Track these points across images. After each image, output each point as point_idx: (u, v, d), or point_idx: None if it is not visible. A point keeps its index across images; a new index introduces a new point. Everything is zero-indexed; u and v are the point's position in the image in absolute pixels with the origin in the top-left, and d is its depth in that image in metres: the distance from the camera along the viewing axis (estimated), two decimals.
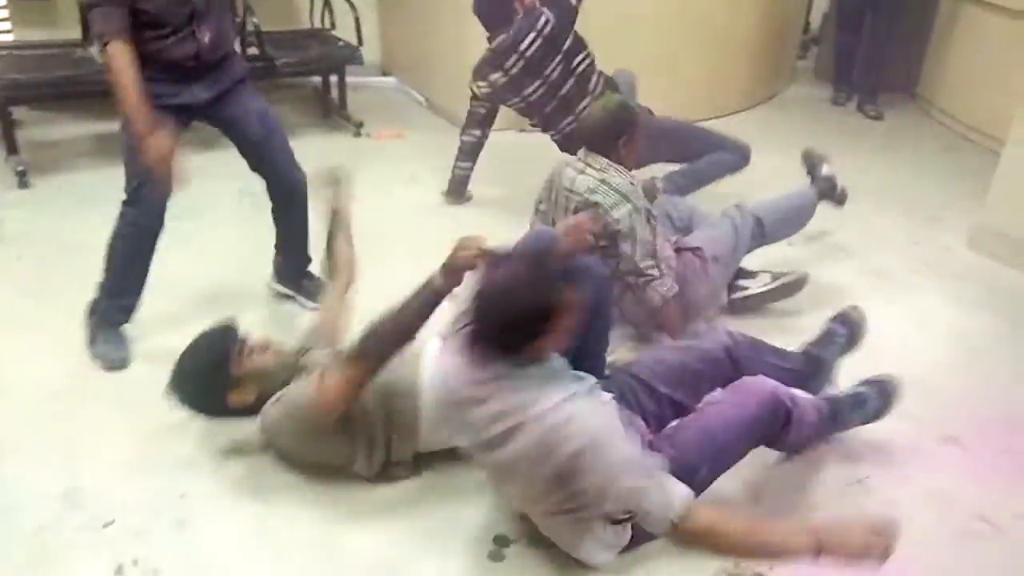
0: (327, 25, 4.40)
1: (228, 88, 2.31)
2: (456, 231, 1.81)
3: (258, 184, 2.50)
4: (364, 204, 3.29)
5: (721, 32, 4.52)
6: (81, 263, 2.81)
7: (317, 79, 4.51)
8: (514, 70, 3.05)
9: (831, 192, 3.04)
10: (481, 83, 3.18)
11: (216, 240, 3.06)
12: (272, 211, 2.57)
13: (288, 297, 2.69)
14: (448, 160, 3.51)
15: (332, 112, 4.43)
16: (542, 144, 3.39)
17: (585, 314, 1.81)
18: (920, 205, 3.69)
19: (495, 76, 3.11)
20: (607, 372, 2.03)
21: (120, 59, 2.05)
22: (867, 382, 2.11)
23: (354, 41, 4.26)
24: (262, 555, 1.76)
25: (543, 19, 3.01)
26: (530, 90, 3.09)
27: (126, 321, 2.41)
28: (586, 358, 2.01)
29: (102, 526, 1.80)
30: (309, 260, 2.68)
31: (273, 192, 2.51)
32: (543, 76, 3.06)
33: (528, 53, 3.01)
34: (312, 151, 2.81)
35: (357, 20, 4.21)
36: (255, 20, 3.86)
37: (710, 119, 4.62)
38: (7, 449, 2.02)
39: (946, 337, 2.71)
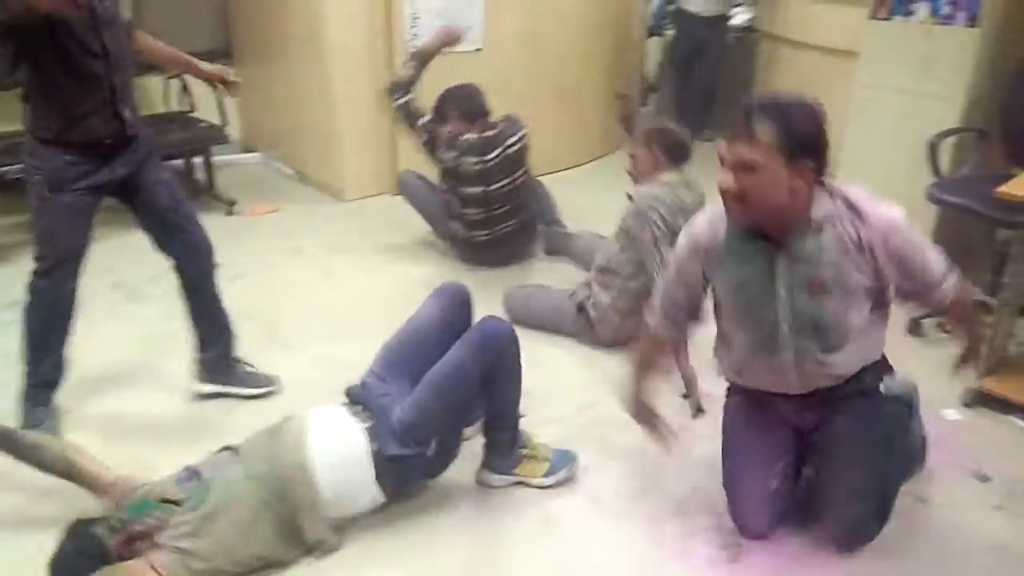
0: (186, 107, 4.32)
1: (141, 163, 2.28)
2: (351, 296, 1.84)
3: (131, 274, 2.41)
4: (249, 282, 3.29)
5: (574, 90, 4.84)
6: None
7: (179, 162, 4.39)
8: (492, 162, 3.27)
9: None
10: (450, 154, 3.28)
11: (100, 339, 2.89)
12: (184, 290, 2.44)
13: (217, 396, 2.52)
14: (329, 228, 3.54)
15: (201, 193, 4.33)
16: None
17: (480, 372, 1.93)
18: None
19: (472, 159, 3.26)
20: None
21: None
22: None
23: (216, 120, 4.20)
24: None
25: (524, 130, 3.36)
26: (496, 185, 3.31)
27: (49, 395, 2.34)
28: (496, 418, 2.09)
29: None
30: (234, 337, 2.55)
31: (184, 264, 2.40)
32: (512, 177, 3.33)
33: (509, 152, 3.30)
34: None
35: (220, 99, 4.17)
36: None
37: (574, 167, 4.90)
38: None
39: None
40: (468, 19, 4.24)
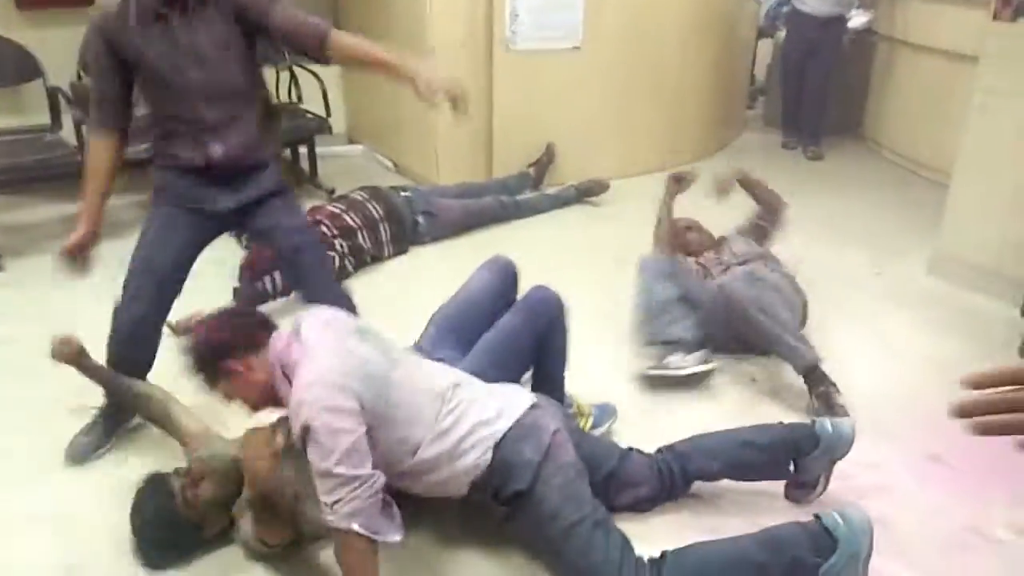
0: (294, 99, 4.50)
1: (255, 199, 2.18)
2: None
3: None
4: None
5: (674, 87, 4.73)
6: None
7: (287, 151, 4.58)
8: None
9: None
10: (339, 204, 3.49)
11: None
12: None
13: None
14: None
15: (303, 181, 4.50)
16: None
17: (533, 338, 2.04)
18: (877, 238, 3.85)
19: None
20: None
21: (91, 153, 2.12)
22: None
23: (322, 112, 4.36)
24: None
25: None
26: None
27: (117, 423, 2.32)
28: (545, 380, 2.17)
29: None
30: None
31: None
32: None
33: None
34: None
35: (324, 92, 4.32)
36: None
37: (668, 169, 4.78)
38: (2, 527, 1.99)
39: (916, 360, 2.81)
40: (567, 17, 4.22)
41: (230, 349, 1.77)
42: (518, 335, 2.07)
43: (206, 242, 2.26)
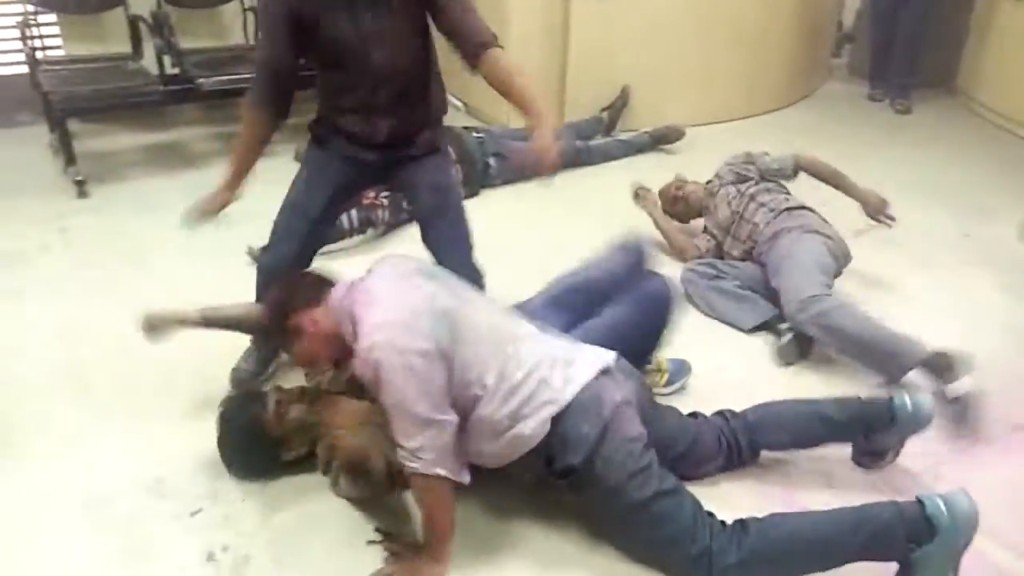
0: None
1: (403, 158, 2.15)
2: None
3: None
4: None
5: (755, 32, 4.54)
6: (141, 267, 2.93)
7: None
8: None
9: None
10: None
11: None
12: None
13: None
14: None
15: None
16: None
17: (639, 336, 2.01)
18: (967, 198, 3.68)
19: None
20: None
21: (246, 125, 2.08)
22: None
23: None
24: (352, 540, 1.79)
25: None
26: None
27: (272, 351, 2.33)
28: (636, 355, 2.05)
29: (190, 514, 1.85)
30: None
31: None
32: None
33: None
34: None
35: None
36: None
37: (746, 118, 4.65)
38: (92, 441, 2.09)
39: (1002, 326, 2.70)
40: None
41: (291, 306, 1.76)
42: (626, 332, 1.98)
43: (356, 190, 2.27)
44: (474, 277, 2.14)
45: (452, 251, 2.15)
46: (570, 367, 1.72)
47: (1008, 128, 4.54)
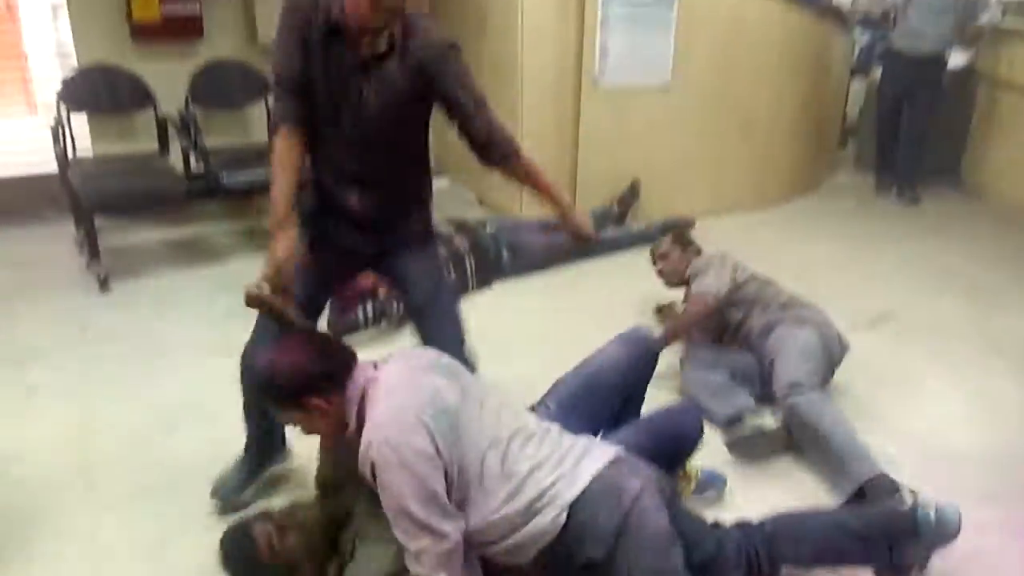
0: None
1: (392, 248, 2.08)
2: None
3: None
4: None
5: (763, 126, 4.66)
6: (159, 361, 2.96)
7: None
8: None
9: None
10: None
11: None
12: None
13: None
14: None
15: None
16: None
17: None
18: (981, 286, 3.69)
19: None
20: None
21: (276, 148, 1.90)
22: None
23: None
24: None
25: None
26: None
27: (259, 463, 2.26)
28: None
29: None
30: None
31: None
32: None
33: None
34: None
35: None
36: None
37: (755, 211, 4.72)
38: (102, 541, 2.07)
39: (1021, 418, 2.66)
40: (657, 55, 4.23)
41: (316, 385, 1.66)
42: (642, 454, 1.84)
43: (345, 277, 2.25)
44: (469, 365, 2.07)
45: (444, 343, 2.04)
46: (581, 458, 1.69)
47: (1015, 216, 4.58)
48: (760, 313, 2.73)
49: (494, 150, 1.96)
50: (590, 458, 1.69)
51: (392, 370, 1.71)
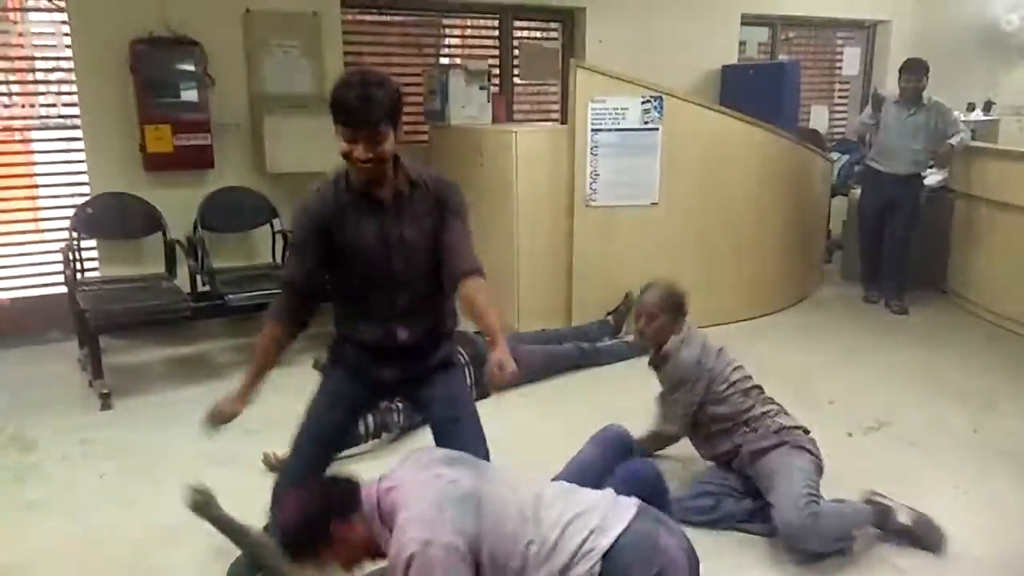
0: None
1: (418, 373, 2.22)
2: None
3: None
4: None
5: (749, 242, 4.85)
6: (158, 478, 2.95)
7: None
8: None
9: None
10: None
11: None
12: None
13: None
14: None
15: None
16: None
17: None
18: (972, 393, 3.73)
19: None
20: None
21: (265, 336, 2.14)
22: None
23: None
24: None
25: None
26: None
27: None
28: None
29: None
30: None
31: None
32: None
33: None
34: None
35: None
36: None
37: (747, 321, 4.82)
38: None
39: (1022, 519, 2.66)
40: (644, 177, 4.45)
41: (327, 517, 1.73)
42: None
43: (370, 406, 2.37)
44: None
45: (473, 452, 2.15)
46: (608, 511, 1.76)
47: (999, 324, 4.69)
48: (752, 438, 2.64)
49: (463, 260, 2.07)
50: (618, 509, 1.77)
51: (403, 475, 1.77)
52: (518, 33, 5.67)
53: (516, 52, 5.63)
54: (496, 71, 5.48)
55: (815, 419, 2.82)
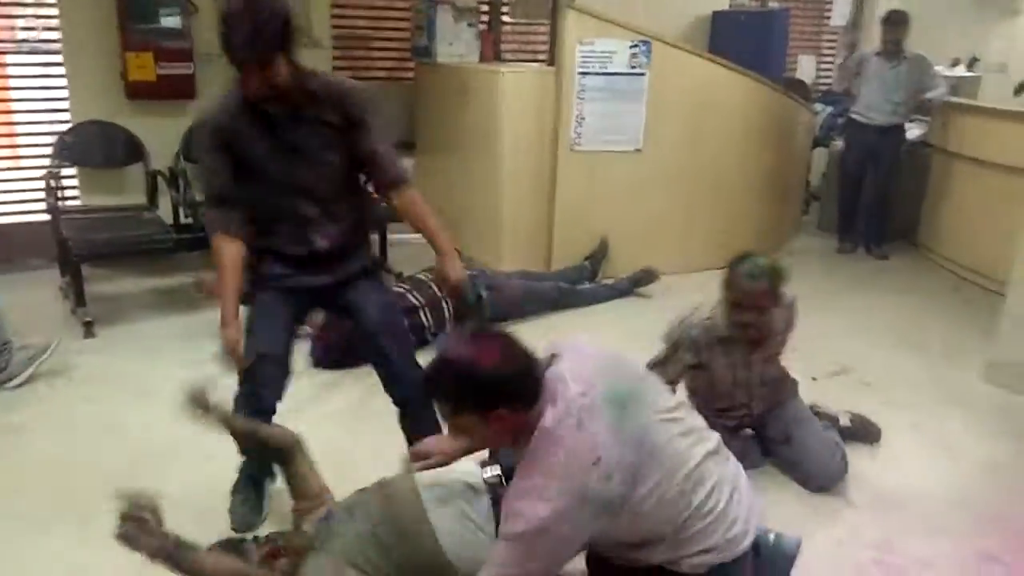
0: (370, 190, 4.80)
1: (348, 279, 2.28)
2: None
3: None
4: None
5: (729, 190, 4.91)
6: (146, 404, 3.02)
7: None
8: None
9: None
10: None
11: None
12: (399, 421, 2.41)
13: None
14: None
15: (375, 265, 4.73)
16: None
17: None
18: (934, 341, 3.88)
19: None
20: None
21: (219, 251, 2.13)
22: None
23: None
24: None
25: None
26: None
27: (265, 478, 2.38)
28: None
29: None
30: None
31: (391, 392, 2.37)
32: None
33: None
34: None
35: None
36: None
37: (722, 268, 4.90)
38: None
39: (973, 461, 2.81)
40: (630, 122, 4.48)
41: (514, 397, 1.52)
42: None
43: (303, 315, 2.40)
44: (420, 388, 2.09)
45: (401, 365, 2.29)
46: (747, 511, 1.68)
47: (964, 276, 4.83)
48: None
49: (387, 171, 2.17)
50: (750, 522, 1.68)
51: (571, 421, 1.51)
52: None
53: None
54: (485, 8, 5.42)
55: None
